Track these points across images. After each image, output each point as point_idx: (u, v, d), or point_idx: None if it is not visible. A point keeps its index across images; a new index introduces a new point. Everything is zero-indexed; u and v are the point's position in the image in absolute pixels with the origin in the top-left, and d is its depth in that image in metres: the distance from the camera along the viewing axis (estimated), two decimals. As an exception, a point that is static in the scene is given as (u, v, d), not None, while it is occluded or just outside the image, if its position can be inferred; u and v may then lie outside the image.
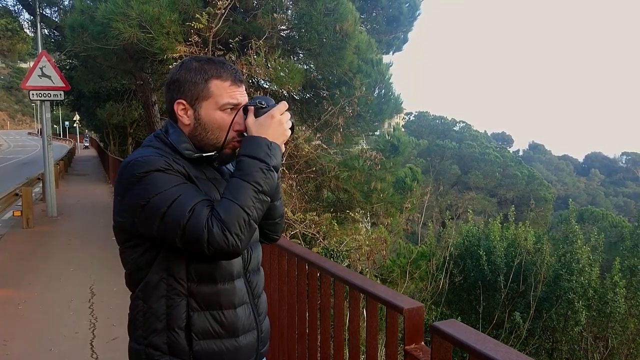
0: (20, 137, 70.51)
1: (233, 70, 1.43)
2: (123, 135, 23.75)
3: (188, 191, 1.30)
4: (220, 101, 1.40)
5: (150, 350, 1.40)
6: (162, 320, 1.38)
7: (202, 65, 1.42)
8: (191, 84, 1.41)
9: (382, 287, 2.03)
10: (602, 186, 73.88)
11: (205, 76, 1.41)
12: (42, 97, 10.49)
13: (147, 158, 1.32)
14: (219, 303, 1.39)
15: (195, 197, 1.29)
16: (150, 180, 1.29)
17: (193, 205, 1.26)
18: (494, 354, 1.35)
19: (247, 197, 1.28)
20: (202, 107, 1.41)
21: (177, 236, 1.26)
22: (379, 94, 8.08)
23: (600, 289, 10.39)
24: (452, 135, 49.81)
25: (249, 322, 1.46)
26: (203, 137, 1.43)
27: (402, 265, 10.07)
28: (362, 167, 8.00)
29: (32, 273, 6.60)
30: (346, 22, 7.08)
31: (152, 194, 1.28)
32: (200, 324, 1.37)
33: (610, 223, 22.03)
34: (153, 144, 1.42)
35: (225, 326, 1.40)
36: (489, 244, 11.47)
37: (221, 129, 1.42)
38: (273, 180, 1.33)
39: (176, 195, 1.27)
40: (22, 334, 4.55)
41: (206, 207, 1.27)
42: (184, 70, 1.43)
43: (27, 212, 9.69)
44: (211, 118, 1.41)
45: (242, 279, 1.45)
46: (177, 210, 1.26)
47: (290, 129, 1.42)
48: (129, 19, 6.52)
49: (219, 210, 1.26)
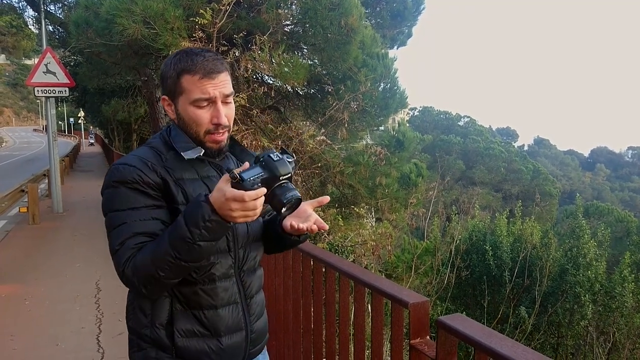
0: (26, 134, 70.80)
1: (205, 61, 1.35)
2: (128, 132, 23.81)
3: (133, 220, 1.30)
4: (192, 97, 1.35)
5: (140, 342, 1.43)
6: (147, 315, 1.40)
7: (177, 59, 1.38)
8: (168, 79, 1.39)
9: (388, 282, 2.02)
10: (608, 181, 73.50)
11: (177, 70, 1.37)
12: (47, 93, 10.52)
13: (122, 167, 1.34)
14: (199, 303, 1.39)
15: (133, 228, 1.30)
16: (114, 193, 1.33)
17: (126, 238, 1.29)
18: (499, 348, 1.34)
19: (162, 260, 1.23)
20: (179, 103, 1.39)
21: (112, 257, 1.32)
22: (384, 88, 8.05)
23: (606, 283, 10.37)
24: (457, 130, 49.61)
25: (235, 322, 1.44)
26: (186, 131, 1.40)
27: (407, 260, 10.07)
28: (366, 163, 7.97)
29: (38, 269, 6.63)
30: (351, 16, 7.05)
31: (111, 209, 1.34)
32: (182, 322, 1.39)
33: (616, 218, 21.96)
34: (151, 143, 1.43)
35: (206, 326, 1.40)
36: (495, 239, 11.46)
37: (197, 123, 1.38)
38: (199, 253, 1.24)
39: (122, 220, 1.31)
40: (29, 329, 4.58)
41: (133, 245, 1.28)
42: (165, 65, 1.41)
43: (33, 208, 9.74)
44: (186, 113, 1.38)
45: (231, 280, 1.43)
46: (116, 236, 1.31)
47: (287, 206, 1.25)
48: (133, 14, 6.51)
49: (137, 258, 1.27)
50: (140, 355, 1.42)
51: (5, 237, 8.59)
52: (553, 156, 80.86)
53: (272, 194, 1.24)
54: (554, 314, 10.18)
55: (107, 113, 19.00)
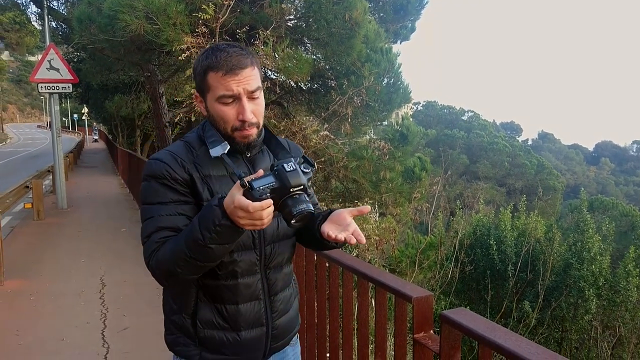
0: (30, 130, 70.98)
1: (228, 57, 1.34)
2: (131, 128, 23.81)
3: (161, 214, 1.35)
4: (217, 93, 1.36)
5: (171, 326, 1.51)
6: (177, 303, 1.47)
7: (204, 56, 1.39)
8: (197, 76, 1.41)
9: (391, 276, 2.02)
10: (613, 175, 73.21)
11: (203, 67, 1.38)
12: (50, 89, 10.54)
13: (154, 162, 1.39)
14: (221, 297, 1.42)
15: (158, 223, 1.35)
16: (146, 187, 1.39)
17: (151, 232, 1.35)
18: (503, 342, 1.34)
19: (179, 257, 1.27)
20: (207, 99, 1.40)
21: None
22: (388, 83, 8.02)
23: (611, 277, 10.35)
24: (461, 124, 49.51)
25: (256, 318, 1.46)
26: (217, 128, 1.42)
27: (411, 255, 10.06)
28: (370, 157, 7.96)
29: (43, 264, 6.66)
30: (355, 10, 7.02)
31: (144, 202, 1.39)
32: (205, 314, 1.43)
33: (620, 212, 21.87)
34: (186, 138, 1.47)
35: (226, 319, 1.43)
36: (499, 234, 11.44)
37: (224, 120, 1.38)
38: (210, 255, 1.25)
39: (151, 214, 1.36)
40: (34, 324, 4.60)
41: (158, 239, 1.33)
42: (196, 61, 1.42)
43: (38, 204, 9.77)
44: (214, 110, 1.39)
45: (255, 276, 1.44)
46: (145, 229, 1.37)
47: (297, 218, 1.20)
48: (136, 10, 6.50)
49: (160, 252, 1.32)
50: (172, 338, 1.51)
51: (11, 233, 8.62)
52: (557, 150, 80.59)
53: (284, 204, 1.21)
54: (558, 308, 10.17)
55: (110, 109, 18.99)
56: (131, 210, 11.13)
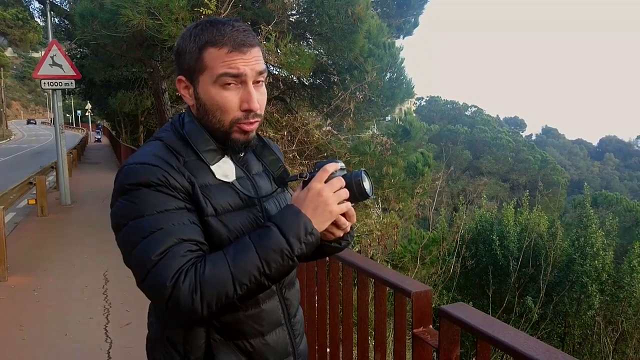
0: (34, 127, 71.20)
1: (235, 32, 1.11)
2: (134, 124, 23.87)
3: (173, 224, 1.04)
4: (216, 72, 1.10)
5: None
6: (179, 349, 1.16)
7: (198, 31, 1.12)
8: (187, 55, 1.13)
9: (391, 271, 2.03)
10: (617, 170, 72.98)
11: (199, 43, 1.11)
12: (53, 85, 10.56)
13: (141, 166, 1.07)
14: (243, 332, 1.16)
15: (177, 233, 1.03)
16: (136, 197, 1.06)
17: (170, 245, 1.02)
18: (501, 337, 1.34)
19: (246, 273, 1.01)
20: (199, 83, 1.13)
21: (141, 277, 1.03)
22: (390, 78, 8.01)
23: (614, 273, 10.33)
24: (464, 120, 49.41)
25: (283, 348, 1.22)
26: (207, 121, 1.15)
27: (414, 251, 10.06)
28: (373, 153, 7.96)
29: (46, 260, 6.69)
30: (358, 5, 7.00)
31: (134, 216, 1.05)
32: (224, 356, 1.15)
33: (624, 207, 21.81)
34: (164, 137, 1.17)
35: (253, 357, 1.17)
36: (502, 229, 11.43)
37: (222, 109, 1.12)
38: (288, 268, 1.05)
39: (157, 227, 1.03)
40: (38, 319, 4.63)
41: (183, 253, 1.02)
42: (182, 39, 1.15)
43: (41, 200, 9.81)
44: (209, 96, 1.12)
45: (274, 299, 1.21)
46: (150, 246, 1.02)
47: (357, 195, 1.11)
48: (138, 5, 6.50)
49: (207, 266, 1.01)
50: None
51: (14, 229, 8.66)
52: (561, 145, 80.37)
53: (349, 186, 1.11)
54: (560, 303, 10.17)
55: (114, 105, 19.02)
56: (134, 206, 11.15)
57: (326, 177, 1.08)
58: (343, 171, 1.12)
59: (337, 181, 1.08)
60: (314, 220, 1.06)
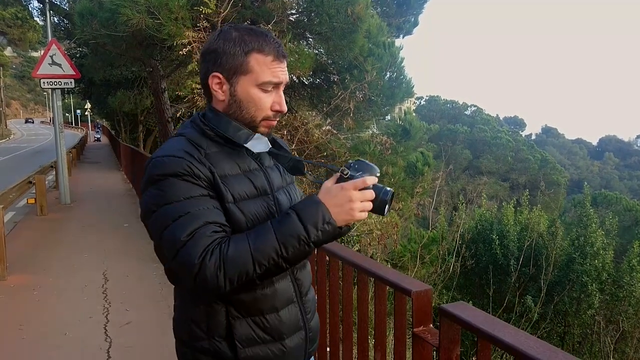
0: (33, 126, 71.20)
1: (276, 43, 1.28)
2: (134, 123, 23.87)
3: (199, 209, 1.17)
4: (261, 78, 1.26)
5: (197, 355, 1.32)
6: (203, 327, 1.30)
7: (243, 36, 1.27)
8: (229, 56, 1.27)
9: (391, 270, 2.02)
10: (617, 170, 73.02)
11: (245, 48, 1.26)
12: (52, 85, 10.54)
13: (168, 159, 1.20)
14: (259, 309, 1.29)
15: (203, 217, 1.16)
16: (164, 186, 1.18)
17: (197, 227, 1.14)
18: (502, 336, 1.34)
19: (265, 255, 1.13)
20: (239, 83, 1.28)
21: (171, 256, 1.15)
22: (390, 77, 8.02)
23: (614, 272, 10.33)
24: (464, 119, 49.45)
25: (295, 323, 1.36)
26: (237, 115, 1.30)
27: (413, 250, 10.07)
28: (373, 152, 7.96)
29: (46, 259, 6.69)
30: (358, 5, 7.00)
31: (163, 202, 1.18)
32: (243, 331, 1.28)
33: (624, 207, 21.82)
34: (185, 133, 1.30)
35: (269, 331, 1.31)
36: (502, 228, 11.43)
37: (257, 107, 1.29)
38: (304, 254, 1.16)
39: (184, 211, 1.16)
40: (37, 318, 4.62)
41: (209, 234, 1.14)
42: (222, 40, 1.28)
43: (41, 200, 9.80)
44: (248, 95, 1.28)
45: (287, 279, 1.34)
46: (179, 229, 1.14)
47: (377, 209, 1.20)
48: (137, 4, 6.49)
49: (230, 246, 1.13)
50: None
51: (14, 228, 8.65)
52: (561, 145, 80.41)
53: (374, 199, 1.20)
54: (560, 303, 10.17)
55: (113, 105, 18.99)
56: (134, 205, 11.15)
57: (363, 187, 1.17)
58: (375, 179, 1.21)
59: (370, 194, 1.18)
60: (334, 215, 1.16)
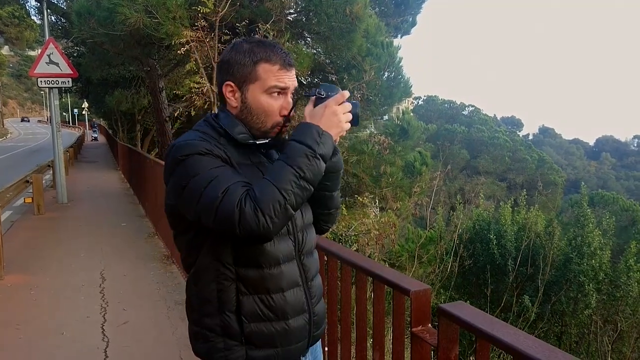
0: (30, 125, 71.01)
1: (283, 53, 1.42)
2: (131, 123, 23.79)
3: (225, 173, 1.31)
4: (267, 84, 1.40)
5: (205, 332, 1.43)
6: (213, 303, 1.40)
7: (252, 48, 1.41)
8: (240, 66, 1.41)
9: (389, 270, 2.02)
10: (613, 170, 73.16)
11: (254, 58, 1.40)
12: (50, 84, 10.51)
13: (189, 142, 1.34)
14: (266, 287, 1.39)
15: (231, 178, 1.29)
16: (190, 162, 1.31)
17: (228, 185, 1.27)
18: (501, 336, 1.33)
19: (286, 181, 1.26)
20: (249, 90, 1.41)
21: (212, 216, 1.27)
22: (388, 77, 8.02)
23: (611, 272, 10.35)
24: (461, 119, 49.50)
25: (299, 305, 1.45)
26: (249, 120, 1.43)
27: (411, 250, 10.07)
28: (371, 152, 7.97)
29: (43, 259, 6.67)
30: (356, 4, 7.00)
31: (192, 176, 1.30)
32: (249, 307, 1.38)
33: (621, 207, 21.89)
34: (200, 128, 1.44)
35: (273, 310, 1.40)
36: (500, 228, 11.44)
37: (266, 113, 1.42)
38: (318, 168, 1.31)
39: (213, 176, 1.29)
40: (34, 318, 4.60)
41: (241, 187, 1.27)
42: (234, 52, 1.43)
43: (38, 199, 9.77)
44: (257, 101, 1.41)
45: (293, 263, 1.45)
46: (212, 190, 1.27)
47: (353, 122, 1.39)
48: (135, 3, 6.48)
49: (255, 190, 1.26)
50: (207, 347, 1.43)
51: (11, 227, 8.62)
52: (558, 145, 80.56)
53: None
54: (557, 302, 10.18)
55: (110, 104, 18.93)
56: (131, 205, 11.13)
57: (343, 100, 1.36)
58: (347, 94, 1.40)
59: (348, 106, 1.37)
60: (325, 129, 1.33)
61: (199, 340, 1.45)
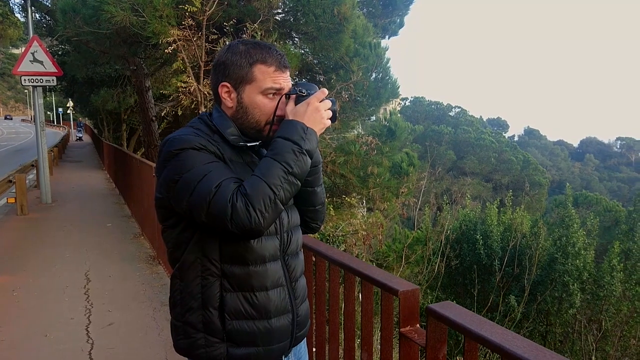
0: (14, 124, 70.06)
1: (279, 55, 1.44)
2: (117, 122, 23.59)
3: (218, 168, 1.33)
4: (263, 85, 1.42)
5: (187, 328, 1.43)
6: (197, 299, 1.41)
7: (248, 49, 1.44)
8: (236, 67, 1.43)
9: (378, 270, 2.01)
10: (597, 171, 74.08)
11: (250, 60, 1.42)
12: (34, 82, 10.38)
13: (183, 136, 1.36)
14: (250, 285, 1.40)
15: (224, 174, 1.32)
16: (184, 156, 1.33)
17: (220, 180, 1.29)
18: (489, 335, 1.33)
19: (275, 176, 1.29)
20: (244, 91, 1.43)
21: (204, 210, 1.28)
22: (376, 78, 8.03)
23: (595, 272, 10.47)
24: (448, 120, 49.71)
25: (283, 305, 1.46)
26: (244, 120, 1.45)
27: (398, 250, 10.10)
28: (358, 152, 7.97)
29: (26, 259, 6.58)
30: (344, 5, 7.01)
31: (185, 170, 1.32)
32: (232, 304, 1.39)
33: (604, 207, 22.17)
34: (194, 125, 1.46)
35: (256, 308, 1.41)
36: (486, 228, 11.52)
37: (262, 113, 1.44)
38: (305, 163, 1.34)
39: (207, 171, 1.31)
40: (17, 319, 4.54)
41: (233, 183, 1.30)
42: (230, 53, 1.45)
43: (21, 199, 9.64)
44: (253, 102, 1.43)
45: (278, 262, 1.46)
46: (205, 184, 1.29)
47: (332, 118, 1.44)
48: (121, 1, 6.42)
49: (245, 186, 1.28)
50: (187, 343, 1.43)
51: (-7, 227, 8.50)
52: (543, 146, 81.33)
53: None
54: (543, 302, 10.28)
55: (96, 103, 18.74)
56: (117, 204, 11.03)
57: (324, 97, 1.40)
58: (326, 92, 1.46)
59: (328, 103, 1.41)
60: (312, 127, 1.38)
61: (179, 336, 1.45)
